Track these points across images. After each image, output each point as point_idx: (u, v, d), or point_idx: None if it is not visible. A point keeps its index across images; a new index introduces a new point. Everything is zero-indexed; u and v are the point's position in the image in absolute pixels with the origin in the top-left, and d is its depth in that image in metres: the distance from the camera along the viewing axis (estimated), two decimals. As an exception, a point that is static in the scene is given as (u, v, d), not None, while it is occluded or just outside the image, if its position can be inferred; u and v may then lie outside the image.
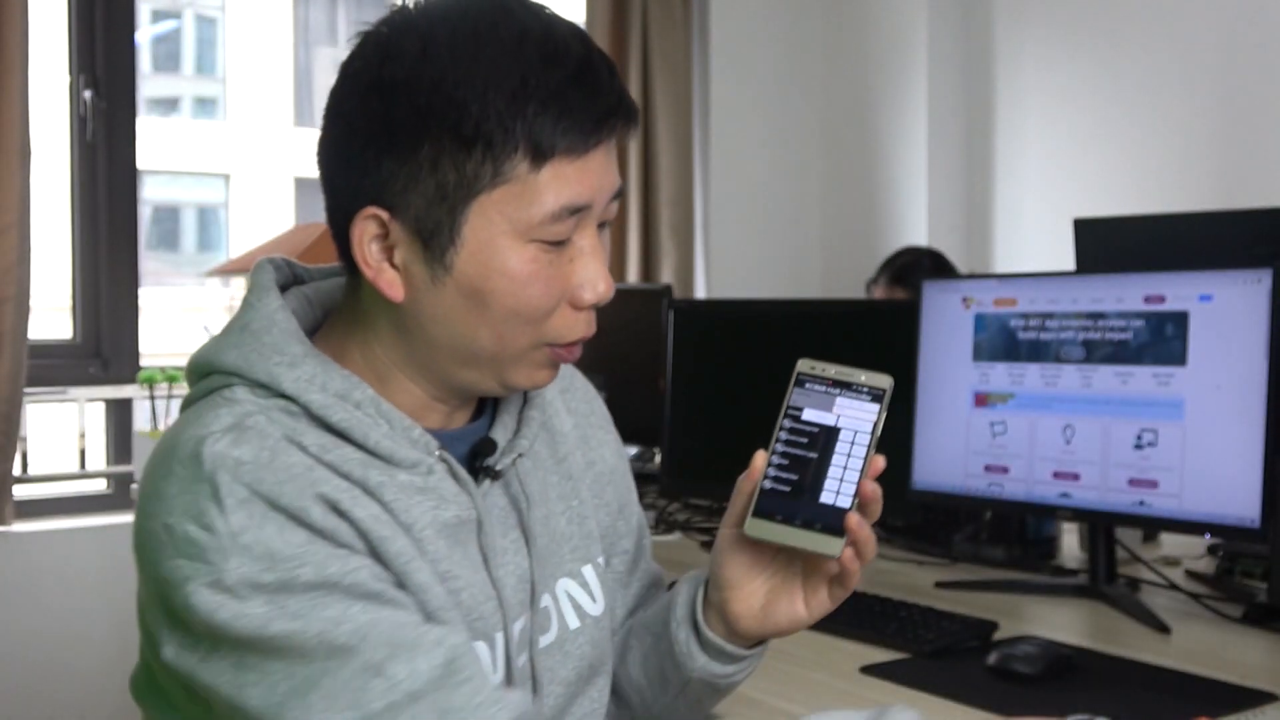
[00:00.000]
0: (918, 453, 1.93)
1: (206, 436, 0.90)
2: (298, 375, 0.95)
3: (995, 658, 1.45)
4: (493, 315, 0.94)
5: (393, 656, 0.87)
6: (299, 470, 0.90)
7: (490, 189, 0.91)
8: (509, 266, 0.93)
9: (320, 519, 0.89)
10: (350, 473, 0.93)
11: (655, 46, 3.77)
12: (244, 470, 0.88)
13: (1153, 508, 1.70)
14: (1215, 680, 1.43)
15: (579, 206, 0.93)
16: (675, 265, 3.80)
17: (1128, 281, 1.75)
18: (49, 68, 3.10)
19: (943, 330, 1.93)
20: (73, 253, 3.10)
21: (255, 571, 0.86)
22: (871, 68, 4.05)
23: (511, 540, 1.04)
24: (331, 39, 14.34)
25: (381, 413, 0.96)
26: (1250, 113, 3.30)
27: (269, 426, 0.92)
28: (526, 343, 0.96)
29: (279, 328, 0.97)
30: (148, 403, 2.99)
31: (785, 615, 1.03)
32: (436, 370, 0.99)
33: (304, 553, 0.88)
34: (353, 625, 0.87)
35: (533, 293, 0.94)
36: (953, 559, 2.07)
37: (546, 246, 0.93)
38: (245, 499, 0.88)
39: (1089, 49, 3.64)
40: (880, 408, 1.00)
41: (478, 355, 0.96)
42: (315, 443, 0.93)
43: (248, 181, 13.72)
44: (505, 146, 0.90)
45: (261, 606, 0.86)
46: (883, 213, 4.02)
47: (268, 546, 0.87)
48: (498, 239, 0.92)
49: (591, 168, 0.93)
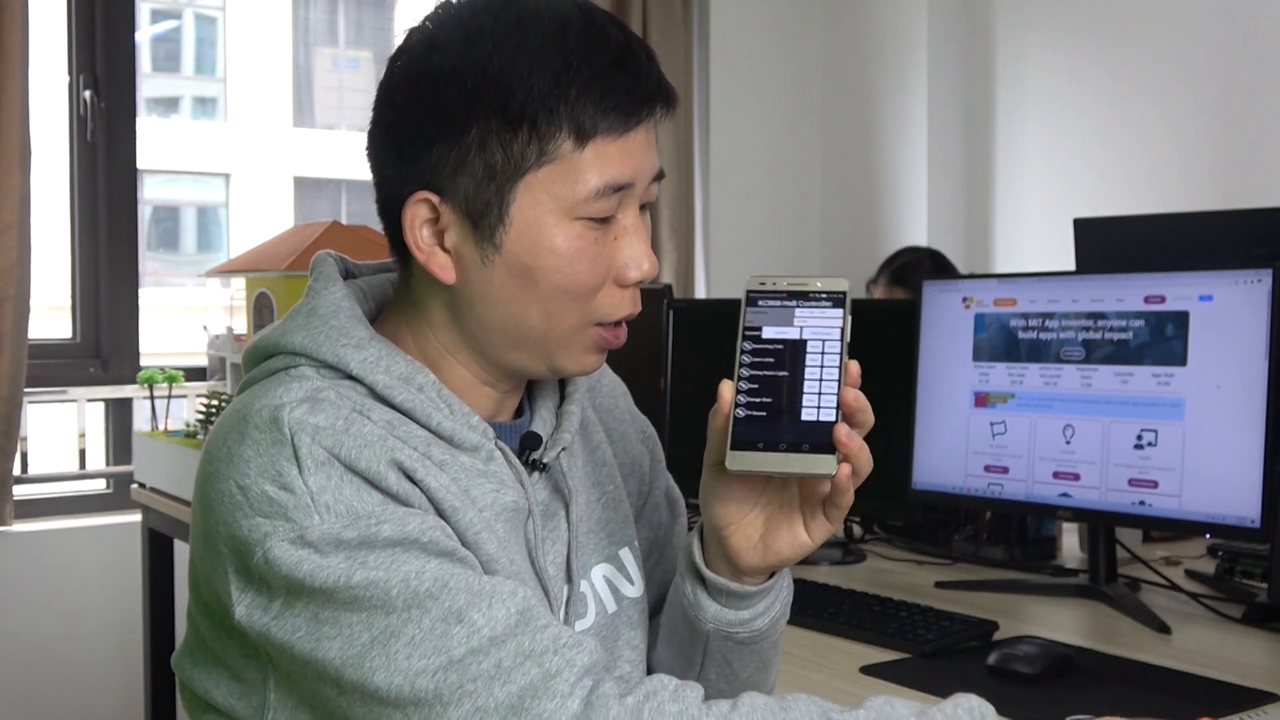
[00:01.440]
0: (918, 453, 1.93)
1: (283, 405, 0.92)
2: (364, 357, 0.98)
3: (995, 658, 1.45)
4: (541, 293, 0.97)
5: (472, 605, 0.88)
6: (373, 438, 0.92)
7: (536, 168, 0.95)
8: (556, 244, 0.96)
9: (395, 484, 0.92)
10: (418, 447, 0.96)
11: (655, 46, 3.75)
12: (322, 435, 0.90)
13: (1153, 508, 1.70)
14: (1215, 680, 1.43)
15: (621, 185, 0.96)
16: (675, 265, 3.80)
17: (1128, 281, 1.75)
18: (49, 68, 3.10)
19: (943, 330, 1.93)
20: (73, 253, 3.10)
21: (337, 528, 0.88)
22: (871, 68, 4.05)
23: (550, 530, 1.06)
24: (331, 39, 14.34)
25: (443, 398, 1.00)
26: (1250, 113, 3.30)
27: (340, 400, 0.95)
28: (574, 321, 0.99)
29: (345, 313, 1.01)
30: (147, 403, 2.99)
31: (787, 543, 1.00)
32: (488, 353, 1.02)
33: (382, 511, 0.90)
34: (432, 576, 0.89)
35: (579, 269, 0.97)
36: (953, 559, 2.07)
37: (591, 224, 0.97)
38: (324, 461, 0.90)
39: (1089, 49, 3.64)
40: (844, 312, 0.94)
41: (528, 335, 0.99)
42: (383, 419, 0.96)
43: (248, 181, 13.72)
44: (550, 126, 0.94)
45: (343, 561, 0.88)
46: (883, 213, 4.02)
47: (349, 505, 0.89)
48: (545, 217, 0.96)
49: (633, 148, 0.97)
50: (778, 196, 4.16)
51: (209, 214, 14.20)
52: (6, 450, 2.77)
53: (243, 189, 13.75)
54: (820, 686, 1.42)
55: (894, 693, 1.41)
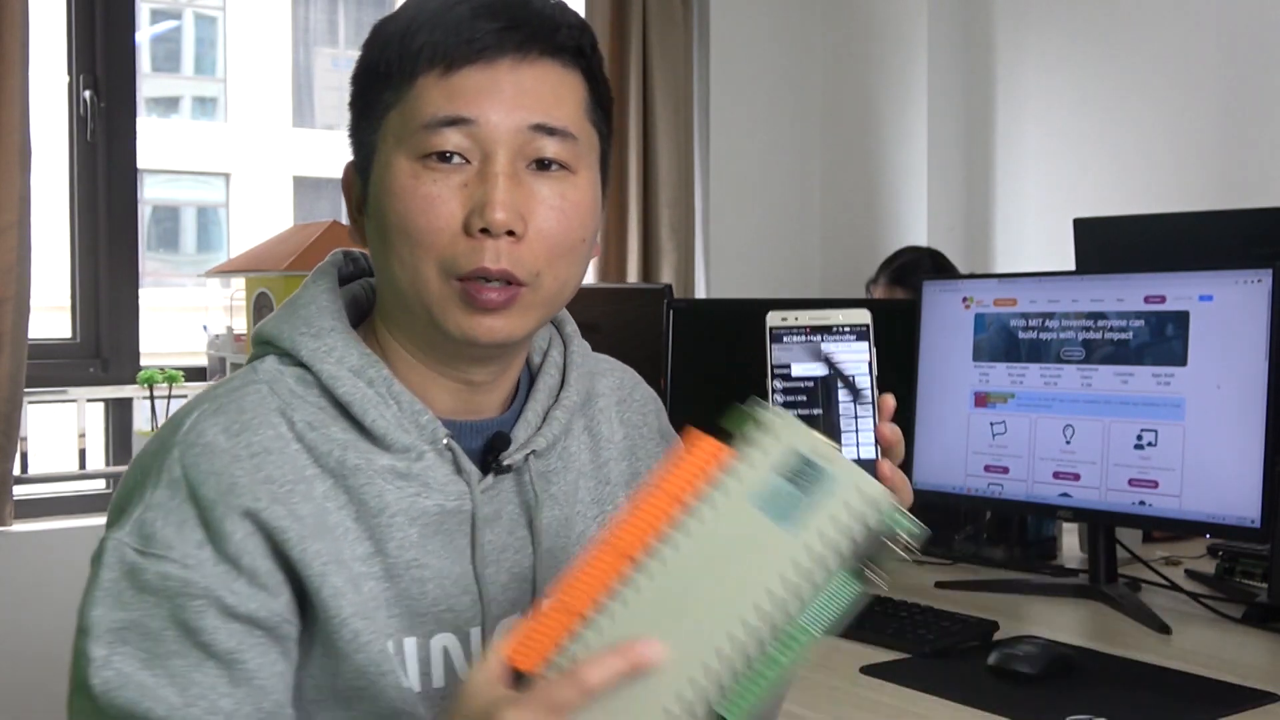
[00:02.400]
0: (918, 453, 1.93)
1: (194, 409, 0.96)
2: (317, 346, 0.98)
3: (995, 658, 1.45)
4: (392, 240, 0.95)
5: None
6: (240, 473, 0.92)
7: (387, 111, 0.96)
8: (393, 182, 0.95)
9: (231, 530, 0.91)
10: (326, 453, 0.95)
11: (655, 46, 3.76)
12: (191, 452, 0.92)
13: (1153, 508, 1.70)
14: (1215, 680, 1.43)
15: (453, 119, 0.93)
16: (675, 265, 3.80)
17: (1128, 281, 1.75)
18: (49, 68, 3.10)
19: (943, 330, 1.93)
20: (72, 253, 3.10)
21: (135, 541, 0.91)
22: (871, 68, 4.05)
23: (518, 538, 1.03)
24: (331, 39, 14.34)
25: (393, 394, 0.98)
26: (1250, 113, 3.30)
27: (266, 398, 0.96)
28: (432, 274, 0.94)
29: (317, 304, 1.01)
30: (147, 403, 2.99)
31: None
32: (406, 329, 1.00)
33: (181, 555, 0.90)
34: (132, 675, 0.89)
35: (412, 209, 0.93)
36: (953, 559, 2.07)
37: (430, 164, 0.94)
38: (176, 479, 0.92)
39: (1089, 49, 3.64)
40: (869, 344, 0.94)
41: (404, 294, 0.96)
42: (305, 419, 0.95)
43: (248, 181, 13.71)
44: (400, 69, 0.95)
45: (111, 571, 0.91)
46: (883, 213, 4.02)
47: (160, 532, 0.91)
48: (389, 157, 0.96)
49: (470, 83, 0.94)
50: (778, 196, 4.15)
51: (209, 214, 14.20)
52: (6, 450, 2.76)
53: (243, 189, 13.74)
54: (820, 686, 1.42)
55: (894, 693, 1.41)
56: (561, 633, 0.78)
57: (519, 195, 0.94)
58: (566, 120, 0.96)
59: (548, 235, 0.95)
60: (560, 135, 0.96)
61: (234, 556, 0.91)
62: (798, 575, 0.76)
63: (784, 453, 0.77)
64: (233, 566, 0.91)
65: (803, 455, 0.77)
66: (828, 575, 0.76)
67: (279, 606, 0.92)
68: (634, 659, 0.76)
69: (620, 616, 0.77)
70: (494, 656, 0.79)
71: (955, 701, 1.36)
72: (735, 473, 0.78)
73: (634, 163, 3.73)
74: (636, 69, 3.74)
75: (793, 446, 0.77)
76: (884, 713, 1.36)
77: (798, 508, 0.76)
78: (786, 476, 0.77)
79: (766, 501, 0.77)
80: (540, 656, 0.78)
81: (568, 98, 0.97)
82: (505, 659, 0.79)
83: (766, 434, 0.78)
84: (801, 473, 0.77)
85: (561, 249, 0.96)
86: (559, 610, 0.78)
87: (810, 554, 0.76)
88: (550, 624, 0.78)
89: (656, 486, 0.78)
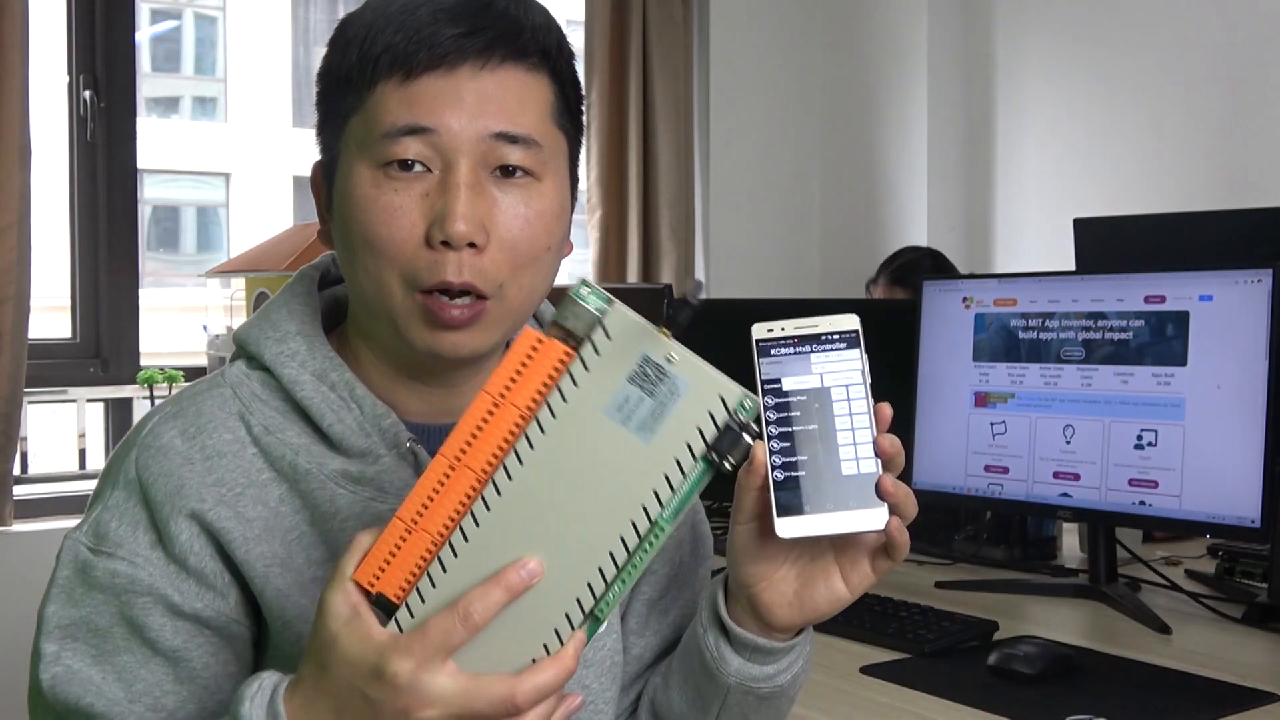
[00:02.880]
0: (918, 453, 1.93)
1: (156, 413, 0.98)
2: (280, 350, 0.98)
3: (995, 658, 1.45)
4: (354, 247, 0.93)
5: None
6: (191, 476, 0.93)
7: (349, 117, 0.94)
8: (354, 191, 0.93)
9: (178, 533, 0.92)
10: (280, 457, 0.95)
11: (655, 46, 3.76)
12: (148, 454, 0.94)
13: (1153, 508, 1.70)
14: (1215, 680, 1.43)
15: (412, 127, 0.90)
16: (675, 265, 3.80)
17: (1128, 281, 1.75)
18: (49, 68, 3.10)
19: (943, 330, 1.93)
20: (72, 253, 3.10)
21: (89, 539, 0.93)
22: (871, 68, 4.05)
23: None
24: (331, 39, 14.33)
25: (355, 397, 0.97)
26: (1250, 113, 3.30)
27: (228, 402, 0.97)
28: (395, 285, 0.92)
29: (288, 309, 1.01)
30: (147, 403, 2.99)
31: (824, 597, 0.92)
32: (376, 335, 0.99)
33: (130, 553, 0.92)
34: (79, 671, 0.91)
35: (372, 218, 0.91)
36: (953, 559, 2.07)
37: (391, 171, 0.91)
38: (131, 480, 0.93)
39: (1089, 49, 3.64)
40: (859, 351, 0.88)
41: (368, 302, 0.95)
42: (262, 422, 0.96)
43: (248, 181, 13.72)
44: (360, 74, 0.93)
45: (66, 569, 0.93)
46: (883, 213, 4.02)
47: (114, 532, 0.92)
48: (350, 164, 0.94)
49: (430, 91, 0.91)
50: (778, 196, 4.16)
51: (209, 214, 14.20)
52: (6, 450, 2.76)
53: (243, 189, 13.74)
54: (820, 686, 1.42)
55: (894, 693, 1.41)
56: (416, 555, 0.76)
57: (481, 205, 0.91)
58: (530, 127, 0.93)
59: (511, 245, 0.92)
60: (524, 143, 0.93)
61: (181, 557, 0.92)
62: (663, 485, 0.76)
63: (632, 359, 0.76)
64: (181, 567, 0.92)
65: (652, 361, 0.76)
66: (684, 477, 0.77)
67: (226, 607, 0.93)
68: (515, 584, 0.75)
69: (474, 535, 0.76)
70: (348, 586, 0.77)
71: (955, 701, 1.36)
72: (583, 380, 0.76)
73: (634, 163, 3.73)
74: (636, 69, 3.74)
75: (641, 352, 0.76)
76: (884, 713, 1.36)
77: (650, 414, 0.76)
78: (636, 382, 0.76)
79: (618, 409, 0.76)
80: (399, 581, 0.76)
81: (532, 104, 0.94)
82: (358, 583, 0.77)
83: (611, 339, 0.76)
84: (650, 377, 0.76)
85: (526, 259, 0.94)
86: (408, 530, 0.76)
87: (670, 461, 0.76)
88: (401, 545, 0.76)
89: (499, 396, 0.76)
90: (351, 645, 0.75)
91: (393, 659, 0.74)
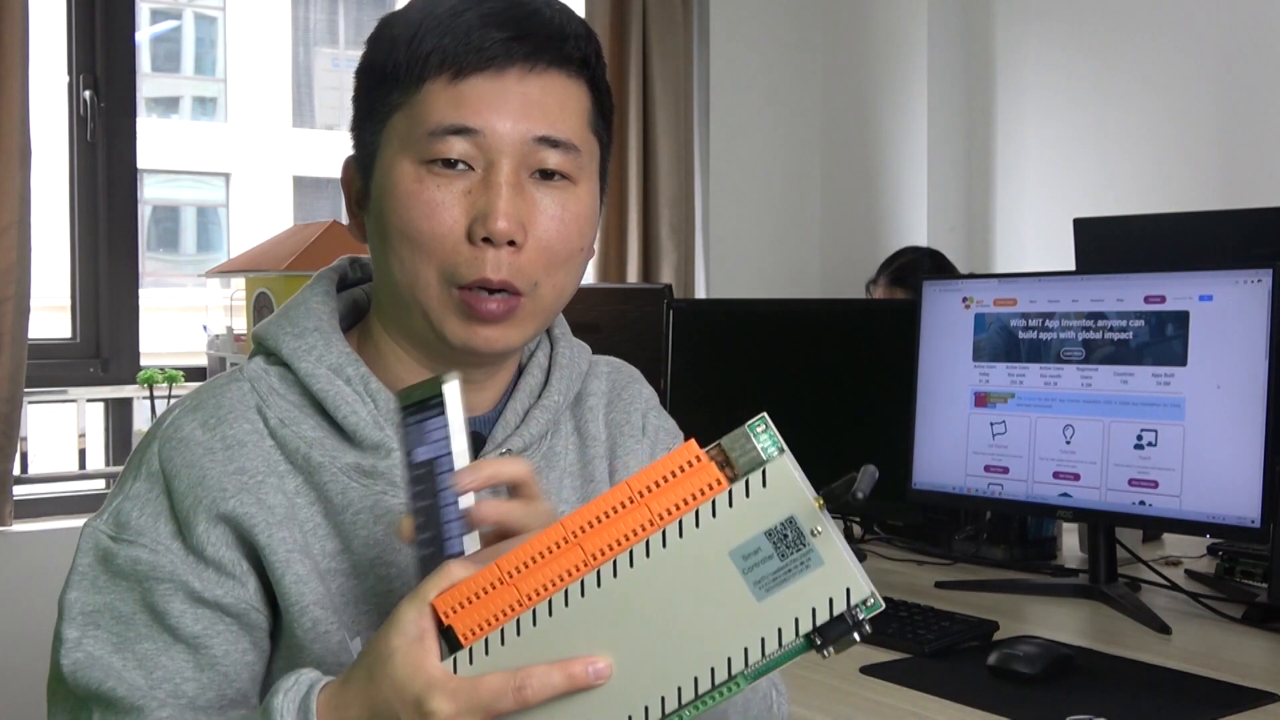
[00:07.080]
0: (918, 453, 1.93)
1: (176, 406, 1.00)
2: (297, 345, 1.00)
3: (995, 658, 1.45)
4: (392, 241, 0.96)
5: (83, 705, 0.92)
6: (212, 466, 0.94)
7: (393, 113, 0.96)
8: (395, 185, 0.95)
9: (199, 525, 0.93)
10: (294, 450, 0.97)
11: (655, 46, 3.76)
12: (169, 445, 0.96)
13: (1153, 508, 1.70)
14: (1215, 680, 1.43)
15: (459, 128, 0.93)
16: (675, 265, 3.80)
17: (1128, 281, 1.75)
18: (49, 68, 3.10)
19: (943, 330, 1.93)
20: (72, 253, 3.10)
21: (110, 528, 0.95)
22: (871, 68, 4.05)
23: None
24: (331, 39, 14.34)
25: (370, 391, 0.99)
26: (1250, 113, 3.30)
27: (246, 395, 0.99)
28: (433, 279, 0.95)
29: (306, 306, 1.03)
30: (147, 403, 2.99)
31: None
32: (402, 324, 1.01)
33: (151, 541, 0.93)
34: (101, 658, 0.92)
35: (415, 214, 0.94)
36: (953, 559, 2.07)
37: (435, 169, 0.94)
38: (154, 472, 0.95)
39: (1089, 49, 3.64)
40: (441, 415, 0.83)
41: (401, 295, 0.97)
42: (278, 415, 0.98)
43: (248, 181, 13.71)
44: (407, 72, 0.95)
45: (86, 557, 0.95)
46: (883, 213, 4.02)
47: (135, 521, 0.94)
48: (393, 159, 0.96)
49: (477, 93, 0.94)
50: (778, 196, 4.16)
51: (209, 214, 14.20)
52: (6, 450, 2.76)
53: (243, 189, 13.74)
54: (820, 686, 1.42)
55: (894, 693, 1.41)
56: (499, 607, 0.75)
57: (521, 205, 0.94)
58: (570, 132, 0.97)
59: (547, 245, 0.96)
60: (564, 147, 0.96)
61: (200, 546, 0.93)
62: (756, 646, 0.73)
63: (777, 516, 0.73)
64: (199, 557, 0.93)
65: (797, 526, 0.73)
66: (780, 647, 0.73)
67: (246, 594, 0.94)
68: (578, 677, 0.74)
69: (560, 613, 0.75)
70: (426, 608, 0.76)
71: (955, 701, 1.36)
72: (723, 515, 0.73)
73: (634, 163, 3.73)
74: (636, 69, 3.74)
75: (789, 513, 0.73)
76: (884, 713, 1.36)
77: (773, 574, 0.73)
78: (772, 539, 0.73)
79: (744, 557, 0.73)
80: (473, 624, 0.76)
81: (573, 109, 0.98)
82: (435, 609, 0.76)
83: (766, 487, 0.73)
84: (787, 540, 0.73)
85: (560, 259, 0.97)
86: (502, 581, 0.76)
87: (773, 628, 0.73)
88: (489, 591, 0.76)
89: (638, 494, 0.75)
90: (404, 666, 0.76)
91: (437, 696, 0.74)
